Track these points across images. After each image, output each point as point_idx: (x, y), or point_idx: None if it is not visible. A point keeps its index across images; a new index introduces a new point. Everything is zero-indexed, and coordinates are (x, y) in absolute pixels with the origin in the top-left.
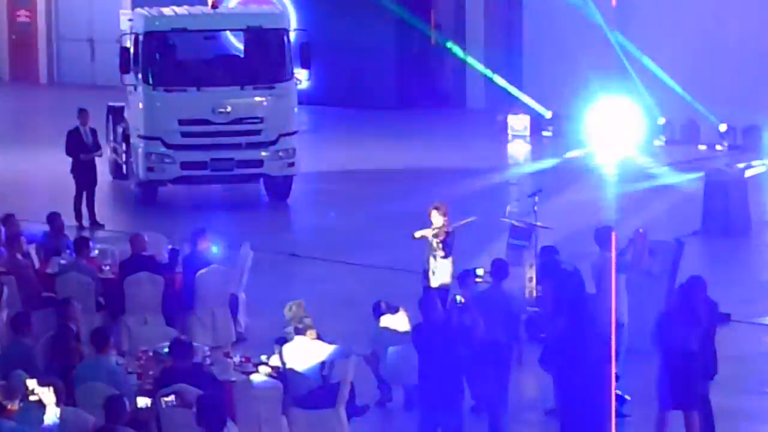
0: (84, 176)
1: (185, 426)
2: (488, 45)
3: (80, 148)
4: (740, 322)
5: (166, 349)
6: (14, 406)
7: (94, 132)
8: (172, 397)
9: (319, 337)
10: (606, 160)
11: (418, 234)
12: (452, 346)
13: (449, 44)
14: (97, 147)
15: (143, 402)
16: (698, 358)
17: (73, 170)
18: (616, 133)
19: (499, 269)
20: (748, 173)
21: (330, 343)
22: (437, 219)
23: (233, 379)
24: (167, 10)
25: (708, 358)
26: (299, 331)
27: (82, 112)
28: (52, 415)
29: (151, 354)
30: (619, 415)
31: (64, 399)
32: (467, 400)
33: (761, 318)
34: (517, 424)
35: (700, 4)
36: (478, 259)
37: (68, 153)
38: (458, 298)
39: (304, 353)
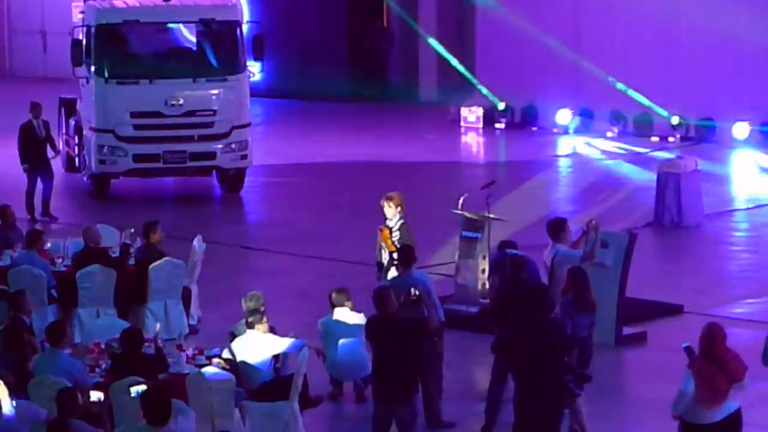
0: (39, 170)
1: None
2: (441, 35)
3: (33, 142)
4: (692, 313)
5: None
6: None
7: (47, 125)
8: (141, 387)
9: (271, 330)
10: (560, 153)
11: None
12: (406, 338)
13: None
14: (49, 140)
15: (96, 395)
16: (589, 342)
17: (25, 163)
18: (570, 125)
19: (405, 256)
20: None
21: (283, 335)
22: (388, 211)
23: (186, 371)
24: (119, 3)
25: None
26: (250, 325)
27: (35, 106)
28: (7, 407)
29: (103, 347)
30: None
31: (15, 392)
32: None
33: (713, 309)
34: (469, 415)
35: None
36: (430, 250)
37: (21, 146)
38: (413, 290)
39: (257, 346)
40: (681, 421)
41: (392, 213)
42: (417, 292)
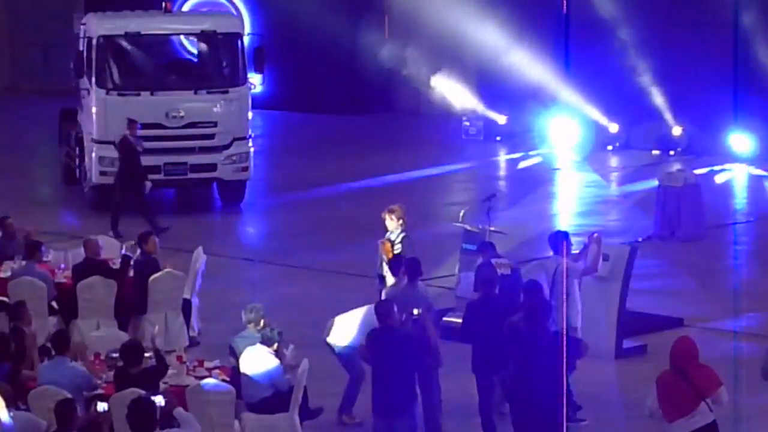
0: (135, 185)
1: None
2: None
3: (132, 156)
4: (692, 326)
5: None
6: None
7: (141, 141)
8: (159, 398)
9: (277, 353)
10: (560, 166)
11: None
12: (406, 351)
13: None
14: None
15: (102, 406)
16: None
17: (123, 178)
18: (568, 139)
19: (411, 268)
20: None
21: (284, 346)
22: (390, 223)
23: (186, 383)
24: (120, 14)
25: None
26: (266, 341)
27: (132, 123)
28: (5, 417)
29: (103, 358)
30: (573, 420)
31: (14, 403)
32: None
33: (713, 322)
34: (469, 428)
35: (652, 7)
36: (432, 263)
37: (122, 160)
38: (415, 311)
39: (262, 361)
40: None
41: (394, 226)
42: (419, 310)
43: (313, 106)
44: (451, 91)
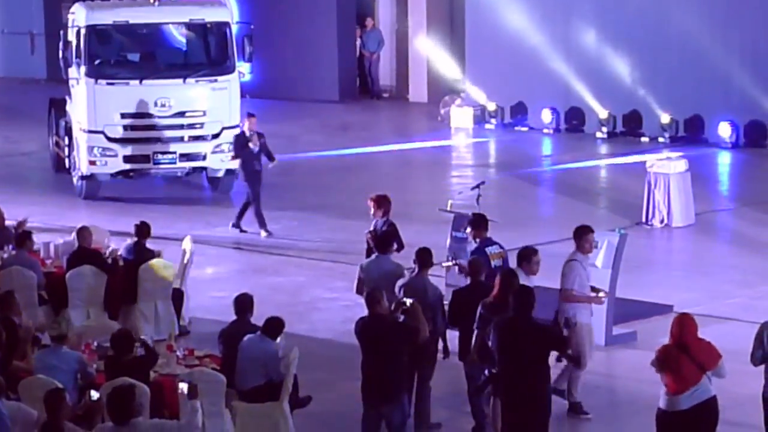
0: (248, 180)
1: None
2: (431, 35)
3: (247, 152)
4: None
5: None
6: None
7: (260, 135)
8: (184, 385)
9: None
10: (550, 153)
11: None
12: (395, 340)
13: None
14: (265, 151)
15: (94, 395)
16: None
17: (246, 178)
18: (557, 124)
19: (422, 258)
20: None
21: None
22: (376, 212)
23: (176, 372)
24: (109, 3)
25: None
26: (266, 330)
27: (250, 116)
28: None
29: (93, 348)
30: (581, 411)
31: (5, 393)
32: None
33: (702, 308)
34: (460, 416)
35: None
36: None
37: (237, 157)
38: (407, 301)
39: (259, 349)
40: (657, 409)
41: (379, 214)
42: (410, 302)
43: (301, 94)
44: (441, 78)
